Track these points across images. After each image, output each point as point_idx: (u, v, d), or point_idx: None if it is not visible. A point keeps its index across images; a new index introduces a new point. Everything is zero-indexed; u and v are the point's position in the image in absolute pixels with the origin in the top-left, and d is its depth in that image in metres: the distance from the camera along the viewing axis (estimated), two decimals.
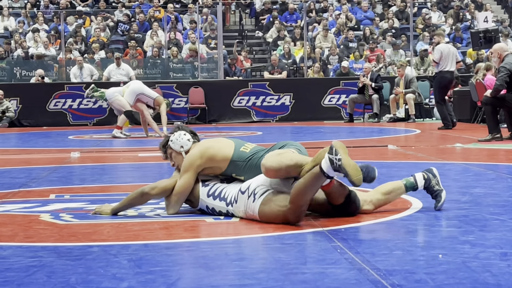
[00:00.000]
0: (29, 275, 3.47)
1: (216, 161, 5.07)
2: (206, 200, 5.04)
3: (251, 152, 5.07)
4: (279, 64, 19.85)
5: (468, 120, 16.32)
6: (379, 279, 3.29)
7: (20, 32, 21.79)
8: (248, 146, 5.16)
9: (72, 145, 12.10)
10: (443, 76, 14.19)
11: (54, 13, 22.69)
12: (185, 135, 5.26)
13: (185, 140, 5.24)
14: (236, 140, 5.27)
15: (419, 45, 21.21)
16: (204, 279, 3.38)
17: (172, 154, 5.27)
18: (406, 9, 23.09)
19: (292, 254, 3.87)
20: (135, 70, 19.41)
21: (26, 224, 4.85)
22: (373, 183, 4.83)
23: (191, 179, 5.05)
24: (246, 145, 5.18)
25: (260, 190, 4.76)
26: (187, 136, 5.27)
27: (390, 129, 14.91)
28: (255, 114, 18.73)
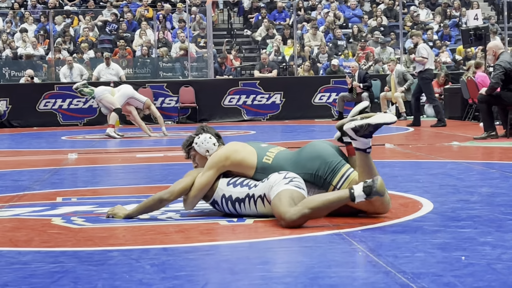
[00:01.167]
0: (54, 281, 3.45)
1: (241, 167, 5.06)
2: (225, 189, 5.00)
3: (274, 165, 5.01)
4: (269, 62, 19.85)
5: (459, 117, 16.40)
6: (408, 283, 3.29)
7: (8, 32, 21.67)
8: (270, 155, 5.07)
9: (67, 146, 12.05)
10: (430, 74, 14.39)
11: (42, 13, 22.56)
12: (210, 138, 5.20)
13: (211, 145, 5.20)
14: (258, 146, 5.17)
15: (408, 42, 21.24)
16: (232, 284, 3.38)
17: (196, 156, 5.25)
18: (395, 7, 23.14)
19: (315, 257, 3.87)
20: (124, 69, 19.37)
21: (40, 229, 4.83)
22: None
23: (213, 177, 5.03)
24: (268, 154, 5.08)
25: (292, 177, 4.81)
26: (213, 140, 5.21)
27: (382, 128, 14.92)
28: (246, 113, 18.72)
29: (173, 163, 8.66)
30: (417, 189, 6.14)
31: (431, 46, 21.40)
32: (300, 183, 4.82)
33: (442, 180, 6.83)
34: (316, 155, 5.00)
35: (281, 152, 5.14)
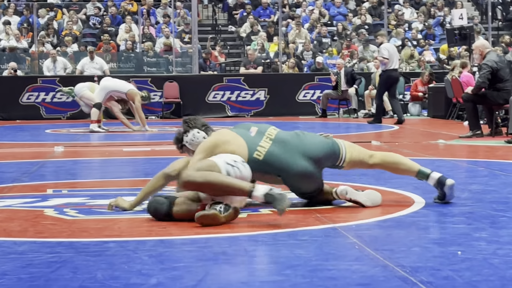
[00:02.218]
0: (53, 271, 3.45)
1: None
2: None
3: (265, 161, 5.03)
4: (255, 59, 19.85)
5: (442, 116, 16.47)
6: (407, 276, 3.32)
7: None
8: (261, 150, 5.05)
9: (52, 139, 12.00)
10: (390, 75, 14.60)
11: (25, 5, 22.44)
12: (198, 133, 5.16)
13: (201, 140, 5.14)
14: (248, 137, 5.11)
15: (392, 41, 21.32)
16: (231, 275, 3.39)
17: (190, 151, 5.22)
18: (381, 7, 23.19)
19: (312, 251, 3.89)
20: (108, 64, 19.30)
21: (33, 220, 4.81)
22: None
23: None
24: (259, 148, 5.05)
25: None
26: (201, 134, 5.17)
27: (366, 125, 14.98)
28: (230, 109, 18.71)
29: (161, 157, 8.65)
30: (408, 186, 6.16)
31: (415, 45, 21.55)
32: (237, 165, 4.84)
33: None
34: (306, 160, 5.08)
35: (272, 146, 5.09)
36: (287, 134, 5.20)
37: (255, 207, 5.17)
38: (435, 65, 20.67)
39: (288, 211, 4.98)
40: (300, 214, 4.95)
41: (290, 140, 5.12)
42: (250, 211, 5.01)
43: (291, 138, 5.14)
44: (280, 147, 5.08)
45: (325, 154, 5.16)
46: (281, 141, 5.10)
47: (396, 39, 21.46)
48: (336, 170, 5.41)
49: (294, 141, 5.11)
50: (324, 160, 5.18)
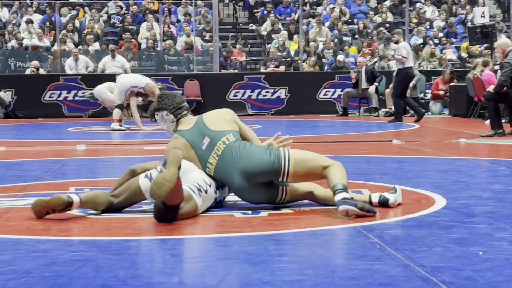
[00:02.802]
0: (76, 269, 3.48)
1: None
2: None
3: (215, 177, 5.12)
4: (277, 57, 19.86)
5: (464, 115, 16.42)
6: (428, 276, 3.32)
7: (13, 23, 21.69)
8: (210, 167, 5.10)
9: (74, 138, 12.08)
10: (408, 72, 14.62)
11: (48, 4, 22.58)
12: (167, 115, 5.27)
13: (168, 123, 5.31)
14: (200, 151, 5.13)
15: (413, 39, 21.27)
16: (253, 275, 3.40)
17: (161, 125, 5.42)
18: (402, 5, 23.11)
19: (333, 250, 3.90)
20: (130, 62, 19.37)
21: (56, 218, 4.84)
22: None
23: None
24: (208, 165, 5.11)
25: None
26: (170, 117, 5.26)
27: (387, 124, 14.96)
28: (251, 107, 18.74)
29: None
30: (428, 185, 6.16)
31: (436, 43, 21.46)
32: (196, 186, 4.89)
33: (452, 176, 6.85)
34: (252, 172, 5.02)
35: (218, 163, 5.07)
36: (233, 148, 5.09)
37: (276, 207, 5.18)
38: (456, 63, 20.58)
39: (309, 211, 5.01)
40: (321, 213, 4.96)
41: (229, 156, 5.06)
42: (271, 211, 5.03)
43: (231, 154, 5.06)
44: (223, 164, 5.08)
45: (262, 170, 5.00)
46: (223, 158, 5.08)
47: (417, 37, 21.39)
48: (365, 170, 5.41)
49: (235, 155, 5.05)
50: (262, 175, 5.02)
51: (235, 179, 5.03)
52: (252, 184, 5.04)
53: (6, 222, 4.73)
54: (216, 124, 5.22)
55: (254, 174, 5.01)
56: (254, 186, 5.05)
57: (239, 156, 5.05)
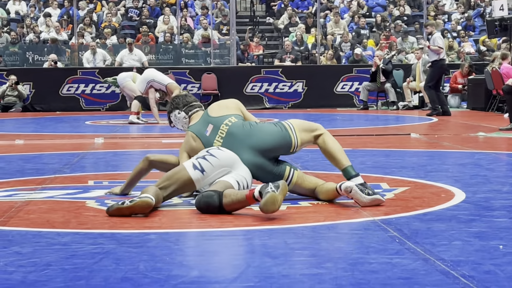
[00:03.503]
0: (96, 262, 3.49)
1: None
2: None
3: None
4: (292, 51, 19.82)
5: (482, 108, 16.33)
6: (448, 270, 3.31)
7: (31, 17, 21.76)
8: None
9: (92, 131, 12.12)
10: (444, 64, 14.56)
11: None
12: (179, 114, 5.43)
13: (181, 120, 5.47)
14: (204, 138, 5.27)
15: None
16: (273, 268, 3.40)
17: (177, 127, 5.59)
18: None
19: (352, 244, 3.89)
20: (147, 55, 19.40)
21: (75, 211, 4.87)
22: None
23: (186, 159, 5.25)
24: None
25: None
26: (182, 114, 5.43)
27: (406, 117, 14.91)
28: (268, 101, 18.73)
29: None
30: (448, 179, 6.14)
31: (454, 36, 21.35)
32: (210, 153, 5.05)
33: (471, 170, 6.83)
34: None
35: (223, 144, 5.21)
36: (237, 127, 5.24)
37: (294, 199, 5.19)
38: (475, 57, 20.47)
39: (328, 204, 5.01)
40: (340, 207, 4.96)
41: (237, 133, 5.21)
42: (290, 204, 5.02)
43: (239, 131, 5.22)
44: (229, 143, 5.20)
45: (275, 145, 5.20)
46: (229, 136, 5.21)
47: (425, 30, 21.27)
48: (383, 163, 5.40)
49: (241, 134, 5.20)
50: (275, 150, 5.23)
51: (243, 156, 5.14)
52: (262, 161, 5.17)
53: (26, 215, 4.75)
54: (218, 111, 5.39)
55: (266, 149, 5.17)
56: (262, 162, 5.17)
57: (247, 134, 5.20)
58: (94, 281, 3.16)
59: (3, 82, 18.14)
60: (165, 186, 4.91)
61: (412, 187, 5.74)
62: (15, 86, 17.59)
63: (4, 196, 5.50)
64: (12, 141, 10.18)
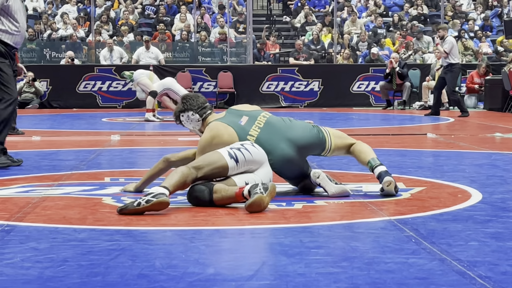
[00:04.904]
0: (112, 259, 3.50)
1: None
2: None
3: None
4: (304, 50, 19.81)
5: (499, 109, 16.28)
6: (465, 270, 3.30)
7: (49, 14, 21.84)
8: (250, 138, 5.25)
9: (108, 128, 12.16)
10: (458, 68, 14.45)
11: None
12: (193, 115, 5.38)
13: (195, 122, 5.41)
14: (238, 126, 5.29)
15: (449, 32, 21.07)
16: (288, 266, 3.40)
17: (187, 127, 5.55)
18: None
19: (368, 243, 3.89)
20: (164, 53, 19.44)
21: (92, 207, 4.89)
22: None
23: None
24: (248, 138, 5.25)
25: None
26: (195, 116, 5.38)
27: (422, 117, 14.86)
28: (284, 100, 18.73)
29: None
30: (464, 179, 6.12)
31: (472, 37, 21.27)
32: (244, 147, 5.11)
33: (488, 170, 6.80)
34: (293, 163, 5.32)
35: (261, 133, 5.28)
36: (276, 119, 5.42)
37: (310, 198, 5.19)
38: (492, 57, 20.38)
39: (344, 203, 5.00)
40: (356, 206, 4.95)
41: (277, 124, 5.34)
42: (306, 203, 5.02)
43: (279, 123, 5.36)
44: (267, 132, 5.29)
45: (311, 143, 5.35)
46: (269, 126, 5.32)
47: (452, 31, 21.20)
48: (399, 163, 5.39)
49: (281, 125, 5.34)
50: (310, 148, 5.38)
51: (281, 146, 5.26)
52: (296, 155, 5.29)
53: (43, 211, 4.77)
54: (248, 107, 5.58)
55: (303, 144, 5.32)
56: (297, 157, 5.30)
57: (287, 126, 5.34)
58: (110, 278, 3.17)
59: (20, 78, 18.20)
60: (200, 166, 4.93)
61: (429, 187, 5.73)
62: (32, 82, 17.68)
63: (21, 192, 5.52)
64: (29, 137, 10.23)
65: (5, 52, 6.78)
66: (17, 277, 3.18)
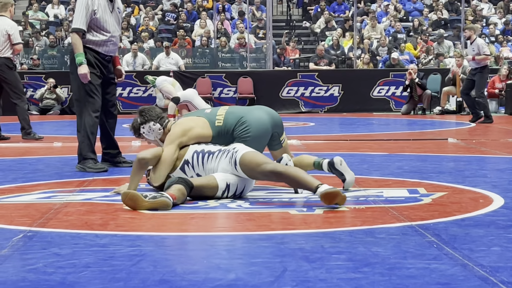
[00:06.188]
0: (134, 264, 3.51)
1: (199, 139, 5.59)
2: (197, 147, 5.51)
3: (226, 125, 5.63)
4: (325, 55, 19.80)
5: None
6: (487, 276, 3.28)
7: (70, 20, 21.96)
8: (220, 118, 5.65)
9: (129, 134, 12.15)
10: (489, 70, 14.31)
11: None
12: (154, 125, 5.65)
13: (156, 132, 5.70)
14: (205, 113, 5.71)
15: None
16: (310, 272, 3.40)
17: (148, 139, 5.84)
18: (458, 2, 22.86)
19: (389, 249, 3.87)
20: (184, 59, 19.50)
21: (113, 213, 4.91)
22: None
23: (174, 150, 5.49)
24: (218, 117, 5.65)
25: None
26: (157, 125, 5.66)
27: (443, 122, 14.81)
28: (304, 105, 18.72)
29: None
30: (485, 184, 6.09)
31: (493, 41, 21.18)
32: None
33: (510, 175, 6.77)
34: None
35: (228, 112, 5.70)
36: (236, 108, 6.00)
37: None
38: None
39: (365, 209, 4.99)
40: (377, 211, 4.94)
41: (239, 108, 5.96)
42: (326, 208, 5.02)
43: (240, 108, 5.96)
44: (236, 111, 5.75)
45: (281, 125, 5.87)
46: (233, 107, 5.93)
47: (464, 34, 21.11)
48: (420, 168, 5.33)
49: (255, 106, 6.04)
50: (280, 128, 5.86)
51: (255, 111, 5.80)
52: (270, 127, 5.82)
53: (65, 216, 4.80)
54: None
55: (276, 120, 5.93)
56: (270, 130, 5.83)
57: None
58: (132, 283, 3.18)
59: (42, 85, 18.34)
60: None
61: (450, 192, 5.71)
62: (54, 89, 17.77)
63: (43, 198, 5.56)
64: (50, 143, 10.28)
65: (94, 61, 7.20)
66: (39, 282, 3.19)
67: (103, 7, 7.20)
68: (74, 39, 7.16)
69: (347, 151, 8.83)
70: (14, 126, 14.17)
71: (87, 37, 7.18)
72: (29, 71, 19.31)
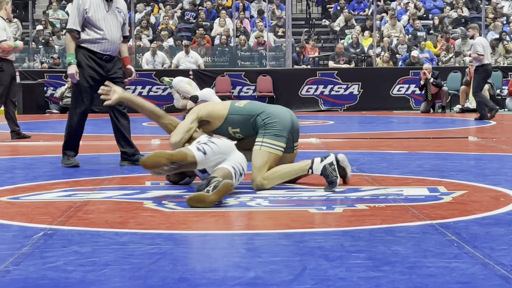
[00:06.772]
0: (154, 262, 3.52)
1: (213, 116, 5.92)
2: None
3: (246, 109, 5.91)
4: (344, 53, 19.76)
5: None
6: (508, 275, 3.26)
7: None
8: (242, 102, 6.03)
9: (149, 132, 12.23)
10: (488, 69, 14.28)
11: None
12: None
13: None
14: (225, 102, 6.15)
15: (490, 34, 20.90)
16: (329, 271, 3.39)
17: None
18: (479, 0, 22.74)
19: (409, 247, 3.86)
20: (203, 58, 19.53)
21: (133, 211, 4.92)
22: None
23: (193, 121, 5.94)
24: (237, 103, 6.02)
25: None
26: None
27: (463, 120, 14.74)
28: (323, 103, 18.70)
29: None
30: (506, 183, 6.05)
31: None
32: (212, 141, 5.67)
33: None
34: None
35: (249, 102, 6.07)
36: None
37: (351, 202, 5.17)
38: None
39: (384, 207, 4.98)
40: (397, 210, 4.92)
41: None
42: (346, 206, 5.01)
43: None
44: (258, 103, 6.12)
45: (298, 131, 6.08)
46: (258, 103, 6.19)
47: (493, 33, 21.01)
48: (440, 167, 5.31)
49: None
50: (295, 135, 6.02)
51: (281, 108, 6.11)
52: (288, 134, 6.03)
53: (85, 215, 4.81)
54: None
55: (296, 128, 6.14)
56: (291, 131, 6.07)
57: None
58: (152, 281, 3.19)
59: (62, 83, 18.42)
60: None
61: (471, 190, 5.68)
62: None
63: (63, 196, 5.58)
64: None
65: (86, 63, 7.39)
66: (60, 280, 3.21)
67: (95, 6, 7.28)
68: (67, 40, 7.38)
69: (366, 150, 8.81)
70: (34, 125, 14.27)
71: (81, 36, 7.32)
72: (49, 70, 19.41)
